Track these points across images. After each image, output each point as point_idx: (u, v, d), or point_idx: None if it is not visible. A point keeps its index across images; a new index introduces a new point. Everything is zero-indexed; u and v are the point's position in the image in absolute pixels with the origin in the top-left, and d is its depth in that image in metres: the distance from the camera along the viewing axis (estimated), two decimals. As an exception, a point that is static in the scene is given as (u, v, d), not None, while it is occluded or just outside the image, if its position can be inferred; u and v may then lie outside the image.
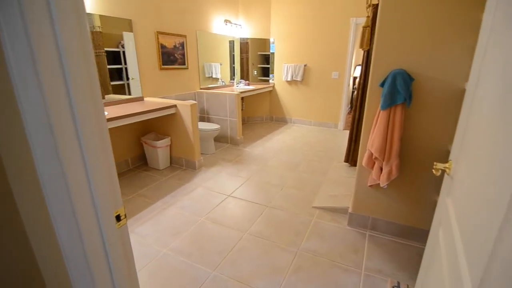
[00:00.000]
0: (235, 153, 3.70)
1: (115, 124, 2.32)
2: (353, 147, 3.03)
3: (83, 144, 0.59)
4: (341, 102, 4.86)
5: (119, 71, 2.90)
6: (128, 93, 3.02)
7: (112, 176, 0.69)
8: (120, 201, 0.73)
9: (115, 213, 0.70)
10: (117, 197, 0.71)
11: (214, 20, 4.21)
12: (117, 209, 0.71)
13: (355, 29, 4.44)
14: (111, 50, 2.77)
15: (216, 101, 3.92)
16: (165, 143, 3.06)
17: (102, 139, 0.64)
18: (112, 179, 0.69)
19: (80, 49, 0.56)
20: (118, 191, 0.72)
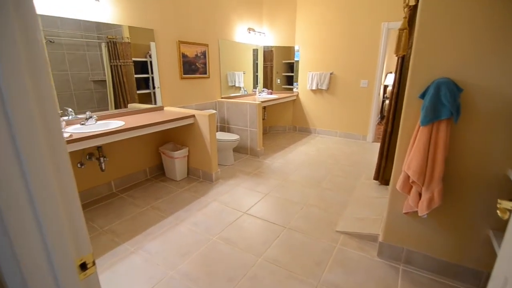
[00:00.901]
0: (255, 165, 3.53)
1: (130, 134, 2.27)
2: (384, 163, 2.73)
3: (28, 173, 0.46)
4: (370, 112, 4.52)
5: (146, 80, 2.94)
6: (154, 102, 3.04)
7: (74, 214, 0.55)
8: (87, 245, 0.58)
9: (78, 261, 0.56)
10: (82, 240, 0.57)
11: (237, 28, 4.15)
12: (82, 255, 0.57)
13: (386, 35, 4.13)
14: (139, 60, 2.80)
15: (236, 111, 3.81)
16: (183, 154, 2.98)
17: (57, 167, 0.50)
18: (74, 217, 0.55)
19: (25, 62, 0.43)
20: (83, 232, 0.57)
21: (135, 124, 2.32)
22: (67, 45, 2.09)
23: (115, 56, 2.53)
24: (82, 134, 2.00)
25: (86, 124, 2.30)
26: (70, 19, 2.15)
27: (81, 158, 2.46)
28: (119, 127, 2.20)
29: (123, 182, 2.85)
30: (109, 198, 2.65)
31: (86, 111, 2.34)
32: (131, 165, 2.92)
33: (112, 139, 2.15)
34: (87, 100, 2.28)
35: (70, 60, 2.12)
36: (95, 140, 2.04)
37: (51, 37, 2.04)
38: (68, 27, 2.10)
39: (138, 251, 1.92)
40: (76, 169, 2.46)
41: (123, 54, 2.59)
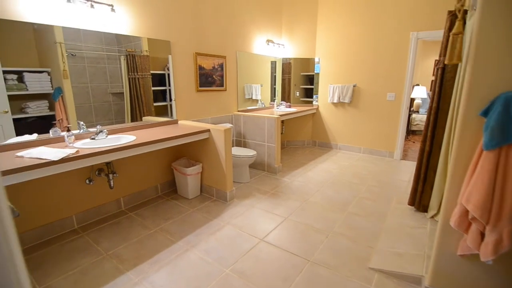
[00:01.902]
0: (272, 183, 3.28)
1: (140, 150, 2.11)
2: (421, 187, 2.39)
3: None
4: (397, 127, 4.18)
5: (164, 92, 2.87)
6: (170, 114, 2.97)
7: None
8: None
9: None
10: None
11: (256, 40, 4.02)
12: None
13: (415, 45, 3.84)
14: (157, 73, 2.75)
15: (253, 125, 3.61)
16: (196, 171, 2.80)
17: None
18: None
19: None
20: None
21: (147, 139, 2.17)
22: (88, 58, 2.10)
23: (133, 69, 2.49)
24: (90, 150, 1.86)
25: (97, 138, 2.17)
26: (92, 33, 2.14)
27: (90, 174, 2.33)
28: (129, 143, 2.05)
29: (133, 199, 2.69)
30: (117, 216, 2.49)
31: (97, 125, 2.22)
32: (142, 181, 2.76)
33: (121, 155, 2.00)
34: (105, 112, 2.26)
35: (91, 72, 2.13)
36: (103, 157, 1.89)
37: (73, 50, 2.05)
38: (91, 40, 2.10)
39: (143, 282, 1.70)
40: (85, 186, 2.32)
41: (142, 67, 2.55)
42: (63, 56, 1.99)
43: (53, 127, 2.04)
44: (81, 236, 2.19)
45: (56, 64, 1.98)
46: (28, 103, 1.91)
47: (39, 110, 1.93)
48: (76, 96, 2.09)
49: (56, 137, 2.07)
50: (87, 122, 2.19)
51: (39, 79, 1.90)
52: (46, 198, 2.11)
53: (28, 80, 1.87)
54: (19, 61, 1.84)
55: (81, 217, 2.33)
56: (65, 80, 2.04)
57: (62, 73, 2.02)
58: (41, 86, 1.92)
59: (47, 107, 1.98)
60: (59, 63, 1.98)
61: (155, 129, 2.65)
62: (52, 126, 2.04)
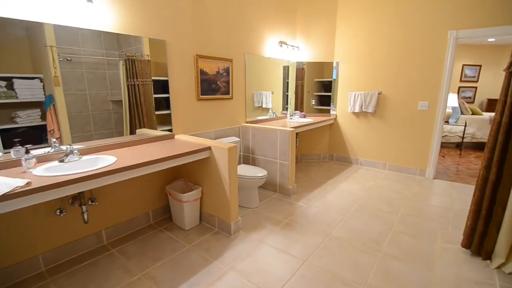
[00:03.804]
0: (286, 209, 2.77)
1: (118, 178, 1.65)
2: (483, 227, 1.83)
3: None
4: (431, 141, 3.61)
5: (167, 100, 2.51)
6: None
7: None
8: None
9: None
10: None
11: (267, 41, 3.56)
12: None
13: (454, 45, 3.29)
14: (160, 79, 2.41)
15: (264, 139, 3.13)
16: (194, 196, 2.32)
17: None
18: None
19: None
20: None
21: (129, 162, 1.71)
22: (87, 63, 1.91)
23: (132, 75, 2.20)
24: (50, 179, 1.41)
25: (66, 161, 1.73)
26: (91, 36, 1.91)
27: (61, 204, 1.88)
28: (104, 169, 1.60)
29: (117, 231, 2.23)
30: (96, 254, 2.03)
31: (67, 145, 1.79)
32: (129, 208, 2.31)
33: (92, 185, 1.54)
34: (105, 121, 2.04)
35: (89, 79, 1.93)
36: (67, 189, 1.44)
37: (70, 55, 1.83)
38: (89, 44, 1.90)
39: None
40: (55, 219, 1.88)
41: (142, 73, 2.25)
42: (54, 61, 1.77)
43: (49, 137, 1.62)
44: (46, 284, 1.73)
45: (49, 70, 1.77)
46: (18, 112, 1.70)
47: (30, 119, 1.73)
48: (73, 104, 1.89)
49: (18, 158, 1.64)
50: (84, 132, 1.96)
51: (30, 86, 1.70)
52: (1, 236, 1.67)
53: (18, 87, 1.67)
54: (9, 66, 1.61)
55: (50, 256, 1.88)
56: (56, 87, 1.81)
57: (53, 79, 1.79)
58: (32, 93, 1.71)
59: (39, 117, 1.77)
60: (50, 68, 1.77)
61: (145, 146, 2.20)
62: (45, 137, 1.77)
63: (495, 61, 6.99)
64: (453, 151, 5.32)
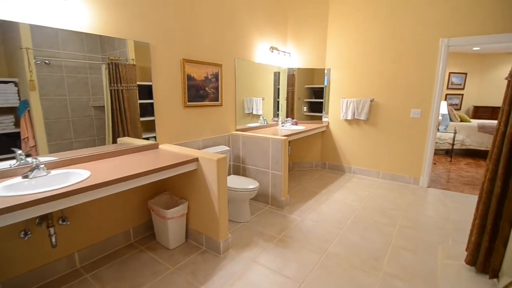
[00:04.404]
0: (278, 223, 2.61)
1: (89, 196, 1.45)
2: (488, 243, 1.73)
3: None
4: (424, 149, 3.55)
5: (154, 106, 2.35)
6: None
7: None
8: None
9: None
10: None
11: (258, 47, 3.44)
12: None
13: (446, 53, 3.27)
14: (146, 84, 2.26)
15: (255, 147, 2.97)
16: (179, 212, 2.13)
17: None
18: None
19: None
20: None
21: (105, 177, 1.52)
22: (67, 67, 1.79)
23: (116, 80, 2.07)
24: (6, 201, 1.20)
25: (31, 176, 1.52)
26: (72, 38, 1.77)
27: (25, 225, 1.65)
28: (74, 186, 1.39)
29: (92, 253, 2.01)
30: (67, 280, 1.80)
31: (33, 159, 1.57)
32: (107, 226, 2.09)
33: (57, 206, 1.34)
34: (86, 127, 1.91)
35: (70, 83, 1.81)
36: (27, 211, 1.23)
37: (48, 58, 1.70)
38: (70, 47, 1.78)
39: None
40: (19, 242, 1.65)
41: (127, 77, 2.12)
42: (30, 64, 1.63)
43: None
44: (5, 320, 1.49)
45: (24, 74, 1.63)
46: (-11, 119, 1.53)
47: (2, 126, 1.60)
48: (51, 110, 1.76)
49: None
50: (63, 140, 1.82)
51: (4, 90, 1.58)
52: (-50, 267, 1.43)
53: (-11, 91, 1.53)
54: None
55: (14, 284, 1.64)
56: (32, 92, 1.66)
57: (29, 84, 1.64)
58: (5, 98, 1.59)
59: (12, 123, 1.63)
60: (26, 72, 1.63)
61: (126, 158, 2.00)
62: (18, 145, 1.60)
63: (479, 69, 7.16)
64: (444, 158, 5.32)
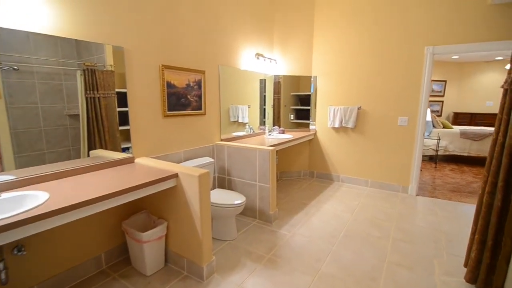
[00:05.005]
0: (267, 239, 2.43)
1: (44, 225, 1.23)
2: (489, 259, 1.64)
3: None
4: (412, 157, 3.52)
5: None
6: None
7: None
8: None
9: None
10: None
11: (243, 53, 3.31)
12: None
13: (431, 61, 3.27)
14: (126, 91, 2.10)
15: (241, 158, 2.80)
16: (157, 234, 1.91)
17: None
18: None
19: None
20: None
21: (68, 199, 1.29)
22: (39, 73, 1.65)
23: (92, 87, 1.91)
24: None
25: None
26: (45, 43, 1.63)
27: (-32, 259, 1.39)
28: (26, 213, 1.17)
29: (56, 285, 1.74)
30: (22, 322, 1.53)
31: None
32: (73, 253, 1.83)
33: (5, 239, 1.10)
34: (60, 137, 1.76)
35: (42, 91, 1.68)
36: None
37: (17, 63, 1.56)
38: (43, 52, 1.65)
39: None
40: (-42, 279, 1.38)
41: (104, 84, 1.97)
42: None
43: None
44: None
45: None
46: None
47: None
48: (20, 119, 1.61)
49: None
50: (34, 151, 1.66)
51: None
52: None
53: None
54: None
55: (-50, 333, 1.37)
56: None
57: None
58: None
59: None
60: None
61: (96, 175, 1.77)
62: None
63: (458, 77, 7.41)
64: (428, 164, 5.37)
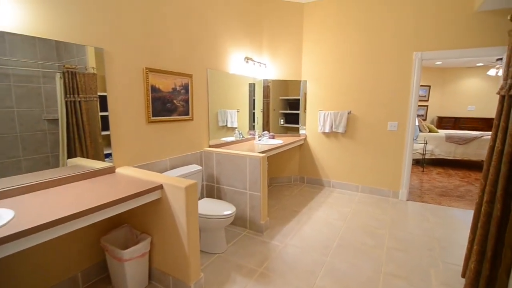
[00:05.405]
0: (259, 251, 2.32)
1: (10, 249, 1.07)
2: (489, 270, 1.59)
3: None
4: (402, 162, 3.51)
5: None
6: None
7: None
8: None
9: None
10: None
11: (232, 56, 3.20)
12: None
13: (419, 66, 3.29)
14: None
15: (231, 166, 2.68)
16: (139, 251, 1.75)
17: None
18: None
19: None
20: None
21: (36, 217, 1.13)
22: (16, 76, 1.60)
23: (73, 90, 1.80)
24: None
25: None
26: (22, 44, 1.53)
27: None
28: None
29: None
30: None
31: None
32: (46, 274, 1.65)
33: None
34: (38, 143, 1.67)
35: (18, 94, 1.60)
36: None
37: None
38: (20, 54, 1.55)
39: None
40: None
41: (85, 88, 1.85)
42: None
43: None
44: None
45: None
46: None
47: None
48: None
49: None
50: (9, 158, 1.56)
51: None
52: None
53: None
54: None
55: None
56: None
57: None
58: None
59: None
60: None
61: (71, 187, 1.61)
62: None
63: (441, 82, 7.61)
64: (415, 168, 5.42)
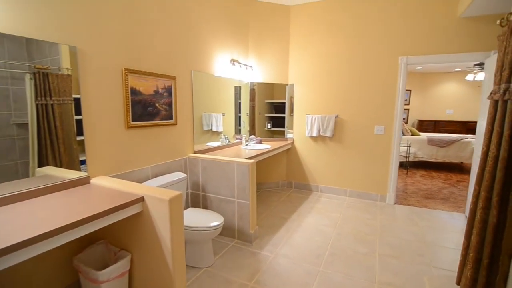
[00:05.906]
0: (248, 263, 2.19)
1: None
2: (486, 278, 1.56)
3: None
4: (389, 166, 3.52)
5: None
6: None
7: None
8: None
9: None
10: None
11: (217, 58, 3.08)
12: None
13: (405, 71, 3.32)
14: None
15: (217, 172, 2.55)
16: (118, 271, 1.58)
17: None
18: None
19: None
20: None
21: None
22: None
23: (45, 92, 1.66)
24: None
25: None
26: None
27: None
28: None
29: None
30: None
31: None
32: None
33: None
34: (6, 150, 1.54)
35: None
36: None
37: None
38: None
39: None
40: None
41: (59, 90, 1.70)
42: None
43: None
44: None
45: None
46: None
47: None
48: None
49: None
50: None
51: None
52: None
53: None
54: None
55: None
56: None
57: None
58: None
59: None
60: None
61: (39, 201, 1.42)
62: None
63: (421, 87, 7.87)
64: (399, 171, 5.50)
